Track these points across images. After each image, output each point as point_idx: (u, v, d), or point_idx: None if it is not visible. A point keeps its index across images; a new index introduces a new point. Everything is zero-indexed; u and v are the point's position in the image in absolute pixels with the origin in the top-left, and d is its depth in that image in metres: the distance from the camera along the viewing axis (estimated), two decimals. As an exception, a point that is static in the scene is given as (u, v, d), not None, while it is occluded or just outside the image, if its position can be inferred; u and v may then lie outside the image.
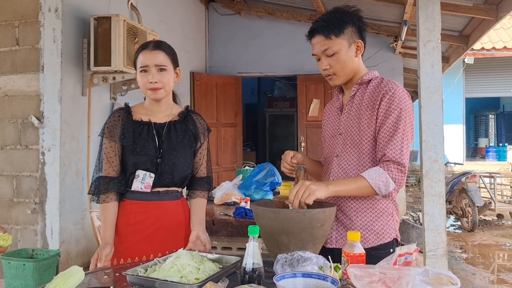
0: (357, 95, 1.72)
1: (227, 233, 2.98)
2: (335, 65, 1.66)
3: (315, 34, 1.67)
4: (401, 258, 1.44)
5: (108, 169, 1.88)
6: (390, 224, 1.69)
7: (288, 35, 6.83)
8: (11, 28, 3.71)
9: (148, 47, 1.86)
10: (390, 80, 1.69)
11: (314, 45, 1.69)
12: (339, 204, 1.69)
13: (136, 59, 1.88)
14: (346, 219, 1.68)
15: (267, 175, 4.02)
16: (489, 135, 14.50)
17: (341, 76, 1.69)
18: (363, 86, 1.72)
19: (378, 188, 1.55)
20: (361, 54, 1.72)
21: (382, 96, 1.63)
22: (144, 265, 1.46)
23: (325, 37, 1.64)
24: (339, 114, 1.78)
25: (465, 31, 5.33)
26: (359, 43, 1.68)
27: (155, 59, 1.84)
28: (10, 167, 3.70)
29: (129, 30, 3.77)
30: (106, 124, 1.91)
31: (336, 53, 1.64)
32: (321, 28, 1.64)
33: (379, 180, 1.55)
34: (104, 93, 4.18)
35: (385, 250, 1.66)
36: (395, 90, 1.62)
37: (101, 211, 1.91)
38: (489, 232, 6.83)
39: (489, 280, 4.55)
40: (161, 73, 1.85)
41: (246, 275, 1.29)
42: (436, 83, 2.92)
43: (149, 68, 1.83)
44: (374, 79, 1.71)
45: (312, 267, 1.36)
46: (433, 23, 2.90)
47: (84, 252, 3.83)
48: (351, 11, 1.69)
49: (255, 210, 1.52)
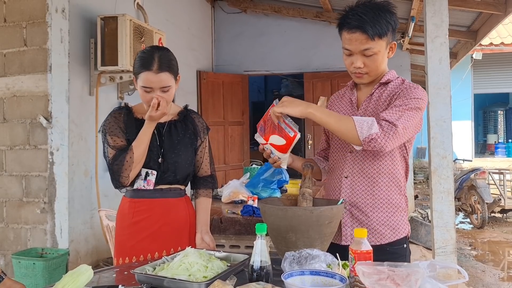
0: (376, 93, 1.69)
1: (235, 231, 2.98)
2: (371, 65, 1.61)
3: (355, 30, 1.57)
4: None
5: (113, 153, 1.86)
6: (404, 219, 1.69)
7: (295, 32, 6.81)
8: (19, 29, 3.73)
9: (152, 68, 1.78)
10: (412, 83, 1.67)
11: (351, 40, 1.59)
12: (354, 201, 1.68)
13: (138, 73, 1.81)
14: (362, 215, 1.67)
15: (274, 173, 4.01)
16: (498, 131, 14.37)
17: (372, 76, 1.66)
18: (382, 85, 1.70)
19: (360, 128, 1.48)
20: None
21: (398, 92, 1.62)
22: (152, 264, 1.47)
23: (369, 37, 1.55)
24: (353, 110, 1.74)
25: (473, 26, 5.29)
26: (393, 44, 1.65)
27: (160, 83, 1.79)
28: (19, 167, 3.73)
29: (135, 30, 3.78)
30: (107, 122, 1.90)
31: (375, 54, 1.59)
32: (366, 26, 1.55)
33: (364, 121, 1.50)
34: (111, 93, 4.20)
35: (400, 245, 1.66)
36: (414, 88, 1.61)
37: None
38: (499, 229, 6.77)
39: (499, 277, 4.52)
40: (165, 93, 1.81)
41: (254, 273, 1.29)
42: (444, 79, 2.90)
43: (153, 89, 1.79)
44: (394, 80, 1.69)
45: (320, 265, 1.35)
46: (440, 18, 2.87)
47: (93, 251, 3.85)
48: (391, 10, 1.63)
49: (262, 208, 1.52)
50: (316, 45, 6.75)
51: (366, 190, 1.66)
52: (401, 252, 1.66)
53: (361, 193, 1.67)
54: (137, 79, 1.83)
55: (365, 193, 1.66)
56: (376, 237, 1.63)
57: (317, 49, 6.74)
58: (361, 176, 1.67)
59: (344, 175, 1.71)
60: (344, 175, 1.71)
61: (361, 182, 1.67)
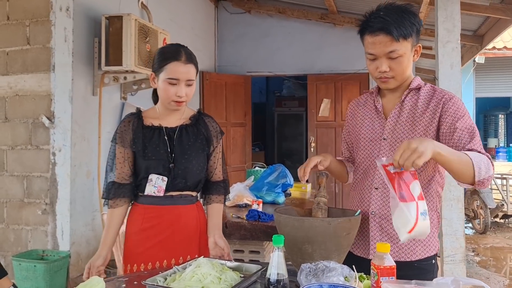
0: (408, 100, 1.62)
1: (240, 236, 2.93)
2: (397, 69, 1.55)
3: (379, 33, 1.51)
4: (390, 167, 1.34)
5: (118, 174, 1.88)
6: (435, 236, 1.62)
7: (299, 34, 6.76)
8: (22, 27, 3.68)
9: (181, 58, 1.79)
10: (443, 89, 1.63)
11: (375, 44, 1.53)
12: (385, 214, 1.60)
13: (164, 65, 1.79)
14: (392, 229, 1.57)
15: (279, 176, 3.97)
16: (498, 135, 14.33)
17: (399, 80, 1.59)
18: (412, 92, 1.63)
19: (479, 169, 1.38)
20: None
21: (443, 103, 1.56)
22: (163, 274, 1.42)
23: (394, 39, 1.49)
24: (380, 118, 1.67)
25: (479, 31, 5.25)
26: (418, 47, 1.59)
27: (188, 74, 1.79)
28: (20, 167, 3.68)
29: (140, 30, 3.73)
30: (118, 130, 1.90)
31: (401, 56, 1.52)
32: (391, 28, 1.49)
33: (480, 161, 1.39)
34: (114, 93, 4.14)
35: (428, 261, 1.60)
36: (455, 97, 1.57)
37: (108, 217, 1.91)
38: (501, 235, 6.74)
39: (504, 284, 4.48)
40: (189, 87, 1.82)
41: (271, 286, 1.24)
42: (455, 84, 2.86)
43: (179, 82, 1.78)
44: (423, 86, 1.63)
45: (338, 278, 1.31)
46: (452, 23, 2.83)
47: (95, 253, 3.77)
48: (414, 11, 1.57)
49: (277, 218, 1.47)
50: (321, 47, 6.70)
51: None
52: (429, 268, 1.60)
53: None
54: (161, 73, 1.79)
55: None
56: (406, 253, 1.56)
57: (321, 51, 6.69)
58: None
59: (374, 186, 1.63)
60: (374, 186, 1.63)
61: None
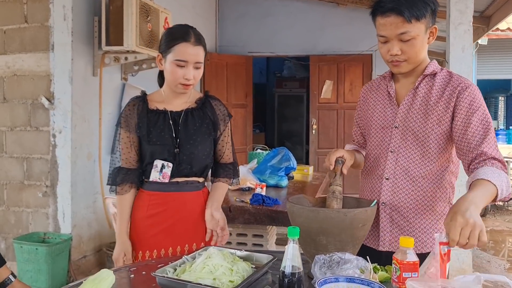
0: (422, 87, 1.55)
1: (244, 220, 2.89)
2: (409, 51, 1.47)
3: (390, 14, 1.44)
4: (444, 247, 1.31)
5: (125, 159, 1.83)
6: None
7: (301, 14, 6.63)
8: (19, 4, 3.57)
9: (190, 39, 1.72)
10: (460, 75, 1.55)
11: (386, 25, 1.46)
12: (396, 205, 1.56)
13: (172, 45, 1.72)
14: (403, 221, 1.55)
15: (282, 159, 3.93)
16: (498, 117, 14.29)
17: (412, 63, 1.52)
18: (427, 78, 1.56)
19: (501, 190, 1.34)
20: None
21: (458, 92, 1.48)
22: (172, 265, 1.38)
23: (405, 20, 1.42)
24: (392, 105, 1.60)
25: (486, 12, 5.14)
26: (434, 29, 1.51)
27: (197, 56, 1.73)
28: (20, 149, 3.62)
29: (141, 8, 3.62)
30: (122, 114, 1.84)
31: (413, 38, 1.45)
32: (402, 8, 1.42)
33: (502, 182, 1.34)
34: (114, 73, 4.06)
35: None
36: (472, 86, 1.49)
37: (118, 203, 1.86)
38: (501, 218, 6.76)
39: (505, 268, 4.49)
40: (197, 70, 1.75)
41: (285, 279, 1.20)
42: (467, 67, 2.79)
43: (188, 64, 1.72)
44: (439, 72, 1.55)
45: (353, 270, 1.27)
46: (465, 4, 2.74)
47: (96, 236, 3.77)
48: None
49: (290, 208, 1.42)
50: (323, 28, 6.58)
51: (409, 194, 1.55)
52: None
53: (403, 197, 1.55)
54: (168, 54, 1.73)
55: (407, 196, 1.54)
56: (417, 245, 1.50)
57: (324, 31, 6.58)
58: (404, 179, 1.55)
59: (385, 176, 1.58)
60: (385, 176, 1.58)
61: (403, 184, 1.55)
